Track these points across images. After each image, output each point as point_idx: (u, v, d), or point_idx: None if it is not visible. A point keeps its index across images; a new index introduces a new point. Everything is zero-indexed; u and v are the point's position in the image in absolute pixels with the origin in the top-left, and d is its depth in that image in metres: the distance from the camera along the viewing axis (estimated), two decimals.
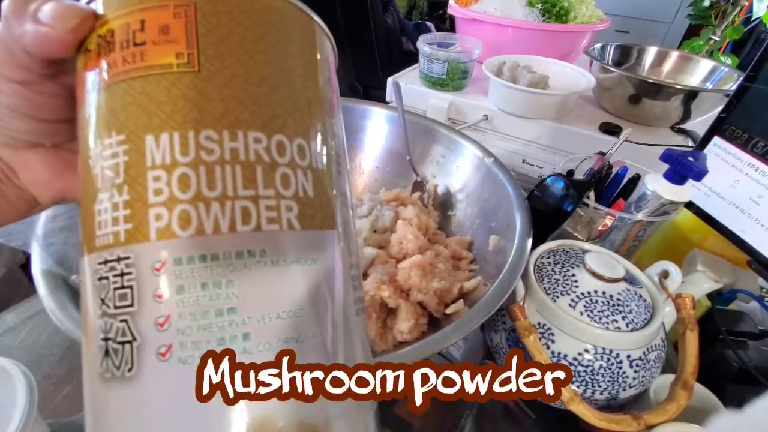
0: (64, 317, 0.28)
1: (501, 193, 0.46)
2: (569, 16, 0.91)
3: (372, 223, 0.48)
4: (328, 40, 0.18)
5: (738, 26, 1.37)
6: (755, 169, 0.43)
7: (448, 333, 0.30)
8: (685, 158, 0.40)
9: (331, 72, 0.18)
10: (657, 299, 0.38)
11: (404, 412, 0.42)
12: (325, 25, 0.18)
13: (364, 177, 0.60)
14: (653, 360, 0.36)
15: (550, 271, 0.39)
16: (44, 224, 0.33)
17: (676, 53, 0.85)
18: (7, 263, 0.88)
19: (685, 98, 0.69)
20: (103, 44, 0.14)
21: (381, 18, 1.40)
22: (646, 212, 0.45)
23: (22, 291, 0.88)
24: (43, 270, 0.31)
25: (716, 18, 1.41)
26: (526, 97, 0.73)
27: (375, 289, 0.40)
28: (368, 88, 1.63)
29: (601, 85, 0.77)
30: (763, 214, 0.42)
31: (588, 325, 0.35)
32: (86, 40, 0.15)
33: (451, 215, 0.54)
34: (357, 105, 0.59)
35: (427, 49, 0.79)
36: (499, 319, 0.40)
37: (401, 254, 0.46)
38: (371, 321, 0.40)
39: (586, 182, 0.46)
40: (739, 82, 0.44)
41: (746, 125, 0.43)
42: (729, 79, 0.74)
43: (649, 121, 0.75)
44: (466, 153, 0.52)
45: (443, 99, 0.82)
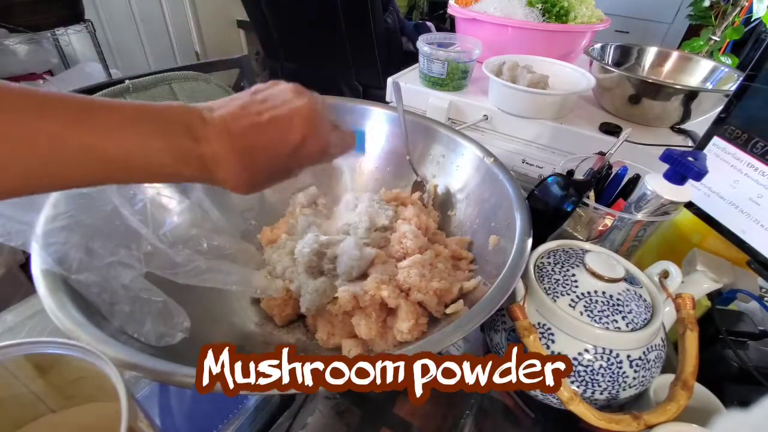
0: (64, 317, 0.28)
1: (501, 193, 0.46)
2: (569, 16, 0.91)
3: (371, 220, 0.48)
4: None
5: (738, 26, 1.37)
6: (755, 169, 0.43)
7: (448, 333, 0.30)
8: (685, 158, 0.40)
9: None
10: (657, 299, 0.38)
11: (404, 412, 0.41)
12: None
13: (364, 177, 0.60)
14: (653, 360, 0.36)
15: (550, 271, 0.39)
16: (44, 224, 0.33)
17: (676, 53, 0.85)
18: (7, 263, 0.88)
19: (685, 98, 0.69)
20: None
21: (381, 18, 1.40)
22: (646, 212, 0.45)
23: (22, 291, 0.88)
24: (43, 270, 0.31)
25: (716, 18, 1.41)
26: (525, 97, 0.73)
27: (375, 288, 0.40)
28: (368, 88, 1.63)
29: (601, 85, 0.77)
30: (763, 214, 0.42)
31: (588, 325, 0.35)
32: None
33: (451, 215, 0.54)
34: (357, 105, 0.59)
35: (427, 49, 0.79)
36: (499, 319, 0.40)
37: (401, 254, 0.46)
38: (371, 321, 0.40)
39: (586, 182, 0.46)
40: (739, 82, 0.44)
41: (746, 125, 0.43)
42: (729, 79, 0.74)
43: (649, 121, 0.75)
44: (466, 153, 0.52)
45: (443, 99, 0.82)
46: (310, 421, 0.40)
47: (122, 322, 0.32)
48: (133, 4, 1.90)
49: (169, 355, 0.30)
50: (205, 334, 0.38)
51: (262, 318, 0.45)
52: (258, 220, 0.55)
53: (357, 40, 1.45)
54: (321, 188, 0.58)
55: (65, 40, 1.62)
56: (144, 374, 0.26)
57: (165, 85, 0.79)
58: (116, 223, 0.36)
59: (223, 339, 0.41)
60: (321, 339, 0.42)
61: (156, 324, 0.33)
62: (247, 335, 0.43)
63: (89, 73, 1.62)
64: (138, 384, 0.42)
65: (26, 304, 0.48)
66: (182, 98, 0.81)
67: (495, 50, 0.86)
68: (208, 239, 0.41)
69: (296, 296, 0.43)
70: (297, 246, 0.45)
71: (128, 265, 0.34)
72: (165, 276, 0.36)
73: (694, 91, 0.69)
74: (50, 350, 0.24)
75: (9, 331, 0.45)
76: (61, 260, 0.31)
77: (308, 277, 0.44)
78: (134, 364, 0.26)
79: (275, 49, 1.75)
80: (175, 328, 0.34)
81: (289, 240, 0.49)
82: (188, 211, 0.42)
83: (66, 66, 1.71)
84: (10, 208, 0.32)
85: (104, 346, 0.27)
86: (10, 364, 0.25)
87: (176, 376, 0.26)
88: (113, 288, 0.32)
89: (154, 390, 0.42)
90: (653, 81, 0.70)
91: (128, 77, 0.74)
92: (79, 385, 0.27)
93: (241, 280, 0.41)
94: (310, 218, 0.52)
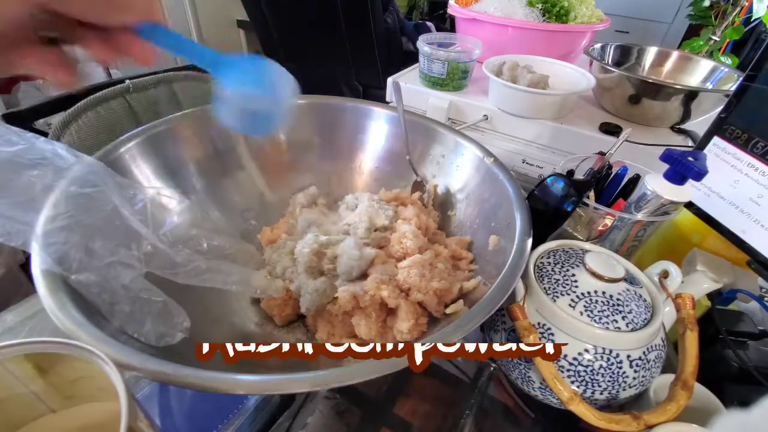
0: (64, 317, 0.28)
1: (501, 193, 0.46)
2: (569, 16, 0.91)
3: (371, 220, 0.48)
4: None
5: (738, 26, 1.37)
6: (755, 169, 0.43)
7: (448, 333, 0.30)
8: (685, 158, 0.40)
9: None
10: (657, 299, 0.38)
11: (404, 412, 0.42)
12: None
13: (364, 177, 0.60)
14: (653, 360, 0.36)
15: (550, 271, 0.39)
16: (44, 224, 0.33)
17: (676, 53, 0.85)
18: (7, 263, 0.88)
19: (685, 98, 0.69)
20: None
21: (381, 18, 1.40)
22: (646, 212, 0.45)
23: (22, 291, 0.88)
24: (43, 270, 0.31)
25: (716, 18, 1.41)
26: (526, 97, 0.73)
27: (375, 288, 0.40)
28: (368, 88, 1.63)
29: (601, 85, 0.77)
30: (763, 214, 0.42)
31: (588, 325, 0.35)
32: None
33: (451, 215, 0.54)
34: (357, 105, 0.59)
35: (427, 49, 0.79)
36: (499, 319, 0.40)
37: (401, 254, 0.46)
38: (371, 321, 0.40)
39: (586, 182, 0.46)
40: (739, 82, 0.44)
41: (746, 125, 0.43)
42: (729, 79, 0.74)
43: (649, 121, 0.75)
44: (466, 153, 0.52)
45: (443, 99, 0.82)
46: (310, 421, 0.40)
47: (122, 322, 0.32)
48: None
49: (169, 355, 0.30)
50: (205, 334, 0.38)
51: (262, 318, 0.45)
52: (258, 220, 0.55)
53: (357, 40, 1.45)
54: (321, 188, 0.58)
55: None
56: (144, 374, 0.26)
57: (165, 85, 0.79)
58: (116, 223, 0.36)
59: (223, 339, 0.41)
60: (321, 339, 0.42)
61: (156, 324, 0.33)
62: (247, 335, 0.43)
63: (89, 73, 1.62)
64: (138, 384, 0.42)
65: (26, 304, 0.48)
66: (183, 98, 0.81)
67: (495, 50, 0.86)
68: (208, 239, 0.41)
69: (296, 296, 0.43)
70: (297, 246, 0.45)
71: (128, 265, 0.34)
72: (165, 276, 0.36)
73: (694, 91, 0.69)
74: (50, 350, 0.24)
75: (9, 331, 0.45)
76: (61, 260, 0.31)
77: (308, 277, 0.44)
78: (134, 364, 0.26)
79: (275, 49, 1.75)
80: (175, 328, 0.34)
81: (289, 240, 0.49)
82: (188, 211, 0.41)
83: None
84: (10, 208, 0.32)
85: (104, 346, 0.27)
86: (10, 364, 0.25)
87: (176, 376, 0.26)
88: (113, 288, 0.32)
89: (154, 390, 0.42)
90: (653, 81, 0.70)
91: (128, 77, 0.74)
92: (79, 385, 0.27)
93: (241, 280, 0.41)
94: (310, 218, 0.52)
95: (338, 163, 0.60)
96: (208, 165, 0.52)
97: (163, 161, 0.48)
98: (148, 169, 0.47)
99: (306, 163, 0.59)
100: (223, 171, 0.54)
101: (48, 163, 0.35)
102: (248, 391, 0.27)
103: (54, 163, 0.35)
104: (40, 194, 0.34)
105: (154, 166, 0.47)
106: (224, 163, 0.54)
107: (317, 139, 0.59)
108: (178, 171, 0.49)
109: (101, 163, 0.38)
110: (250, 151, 0.56)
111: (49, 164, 0.35)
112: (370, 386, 0.44)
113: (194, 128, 0.52)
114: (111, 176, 0.37)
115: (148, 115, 0.75)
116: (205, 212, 0.51)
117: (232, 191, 0.54)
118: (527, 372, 0.38)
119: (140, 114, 0.75)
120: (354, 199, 0.54)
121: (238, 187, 0.55)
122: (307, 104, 0.58)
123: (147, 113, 0.76)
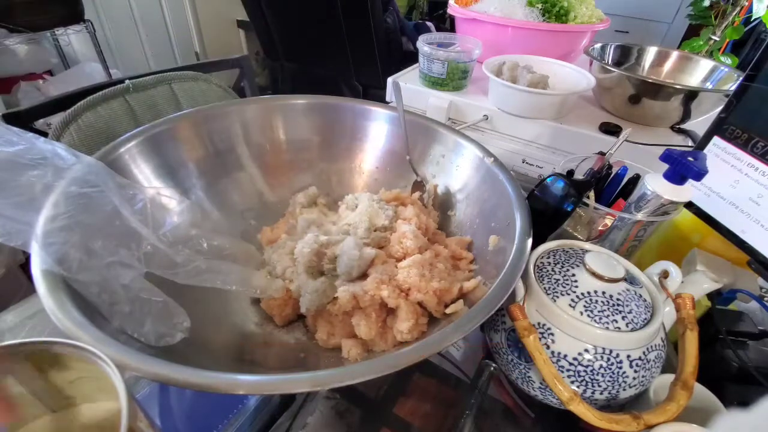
0: (64, 317, 0.28)
1: (501, 193, 0.46)
2: (569, 16, 0.91)
3: (371, 220, 0.48)
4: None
5: (738, 26, 1.37)
6: (755, 169, 0.43)
7: (448, 333, 0.30)
8: (685, 158, 0.40)
9: None
10: (657, 299, 0.38)
11: (404, 412, 0.42)
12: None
13: (364, 177, 0.60)
14: (653, 360, 0.36)
15: (550, 271, 0.39)
16: (44, 224, 0.33)
17: (676, 53, 0.85)
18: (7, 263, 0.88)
19: (685, 98, 0.69)
20: None
21: (381, 18, 1.40)
22: (646, 212, 0.45)
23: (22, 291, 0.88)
24: (42, 270, 0.31)
25: (716, 18, 1.41)
26: (525, 97, 0.73)
27: (375, 288, 0.40)
28: (368, 88, 1.63)
29: (601, 85, 0.76)
30: (763, 214, 0.42)
31: (588, 325, 0.35)
32: None
33: (451, 215, 0.54)
34: (357, 105, 0.59)
35: (427, 49, 0.79)
36: (499, 319, 0.40)
37: (401, 254, 0.46)
38: (371, 321, 0.40)
39: (586, 182, 0.46)
40: (739, 82, 0.44)
41: (746, 125, 0.43)
42: (729, 79, 0.74)
43: (649, 121, 0.75)
44: (466, 153, 0.52)
45: (443, 99, 0.82)
46: (310, 421, 0.40)
47: (122, 322, 0.32)
48: (133, 4, 1.90)
49: (169, 355, 0.30)
50: (205, 334, 0.38)
51: (261, 318, 0.45)
52: (258, 220, 0.55)
53: (357, 40, 1.45)
54: (321, 188, 0.58)
55: (65, 40, 1.62)
56: (144, 374, 0.26)
57: (165, 85, 0.79)
58: (116, 223, 0.36)
59: (223, 339, 0.41)
60: (321, 339, 0.42)
61: (156, 324, 0.33)
62: (247, 335, 0.43)
63: (89, 73, 1.62)
64: (138, 384, 0.42)
65: (26, 304, 0.47)
66: (183, 99, 0.81)
67: (495, 50, 0.86)
68: (208, 239, 0.41)
69: (296, 296, 0.43)
70: (297, 246, 0.45)
71: (128, 265, 0.34)
72: (165, 276, 0.36)
73: (694, 91, 0.69)
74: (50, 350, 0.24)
75: (9, 331, 0.45)
76: (61, 260, 0.31)
77: (308, 277, 0.44)
78: (134, 365, 0.26)
79: (275, 49, 1.75)
80: (175, 328, 0.34)
81: (289, 240, 0.49)
82: (188, 211, 0.41)
83: (66, 66, 1.71)
84: (10, 208, 0.32)
85: (104, 346, 0.27)
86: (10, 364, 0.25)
87: (176, 377, 0.26)
88: (113, 288, 0.32)
89: (154, 390, 0.42)
90: (653, 81, 0.70)
91: (128, 77, 0.74)
92: (79, 385, 0.27)
93: (241, 280, 0.41)
94: (310, 218, 0.52)
95: (338, 163, 0.60)
96: (208, 165, 0.52)
97: (163, 161, 0.48)
98: (148, 169, 0.47)
99: (306, 163, 0.59)
100: (223, 171, 0.54)
101: (48, 163, 0.35)
102: (248, 391, 0.27)
103: (54, 163, 0.35)
104: (40, 194, 0.34)
105: (153, 166, 0.47)
106: (224, 163, 0.54)
107: (317, 139, 0.59)
108: (178, 171, 0.49)
109: (101, 163, 0.38)
110: (250, 151, 0.56)
111: (49, 164, 0.35)
112: (370, 386, 0.44)
113: (194, 128, 0.52)
114: (111, 176, 0.37)
115: (147, 115, 0.75)
116: (205, 212, 0.51)
117: (232, 191, 0.54)
118: (527, 372, 0.38)
119: (140, 114, 0.75)
120: (354, 199, 0.54)
121: (238, 187, 0.55)
122: (307, 104, 0.58)
123: (147, 113, 0.76)
